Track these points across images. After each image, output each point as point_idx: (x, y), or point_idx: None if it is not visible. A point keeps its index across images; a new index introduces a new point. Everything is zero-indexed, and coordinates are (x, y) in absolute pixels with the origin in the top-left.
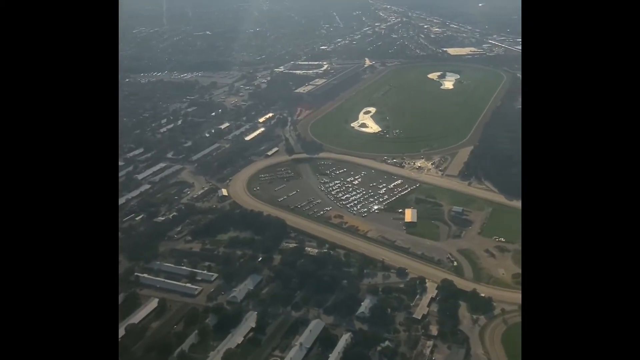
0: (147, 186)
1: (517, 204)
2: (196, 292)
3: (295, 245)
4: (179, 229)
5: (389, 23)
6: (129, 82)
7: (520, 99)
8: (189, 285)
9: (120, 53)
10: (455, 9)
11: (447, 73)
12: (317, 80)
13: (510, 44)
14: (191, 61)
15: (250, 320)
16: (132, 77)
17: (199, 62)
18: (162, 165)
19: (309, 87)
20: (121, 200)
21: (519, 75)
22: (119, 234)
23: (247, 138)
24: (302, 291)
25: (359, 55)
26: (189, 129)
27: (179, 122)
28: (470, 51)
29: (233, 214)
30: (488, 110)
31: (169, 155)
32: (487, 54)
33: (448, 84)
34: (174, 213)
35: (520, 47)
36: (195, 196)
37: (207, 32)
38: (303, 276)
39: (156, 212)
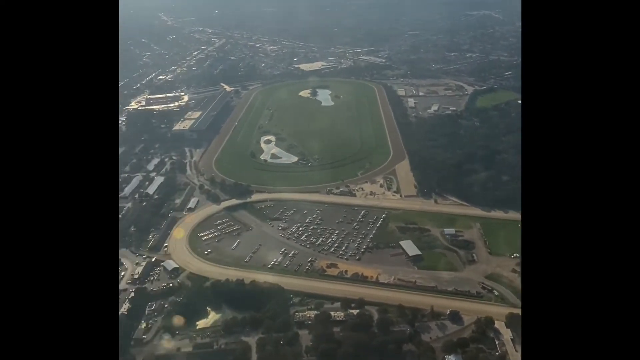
0: None
1: (498, 214)
2: None
3: (313, 312)
4: (143, 326)
5: (215, 45)
6: None
7: (408, 105)
8: None
9: None
10: (270, 25)
11: (317, 89)
12: (190, 114)
13: (352, 54)
14: None
15: None
16: None
17: None
18: None
19: (187, 123)
20: None
21: (389, 84)
22: None
23: (151, 192)
24: None
25: (211, 82)
26: None
27: None
28: (322, 65)
29: (204, 290)
30: (387, 121)
31: None
32: (339, 66)
33: (326, 101)
34: (127, 305)
35: (366, 58)
36: (135, 276)
37: None
38: (356, 351)
39: None
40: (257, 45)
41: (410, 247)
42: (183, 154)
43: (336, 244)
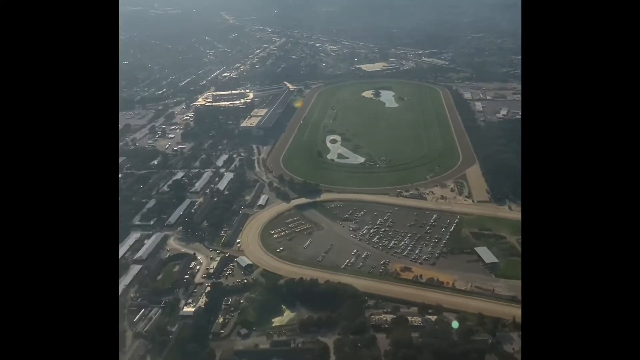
0: (137, 267)
1: None
2: None
3: (389, 316)
4: (220, 320)
5: (276, 44)
6: None
7: (475, 109)
8: None
9: None
10: (329, 25)
11: (380, 90)
12: (257, 111)
13: (414, 56)
14: None
15: None
16: None
17: None
18: (136, 236)
19: (254, 120)
20: None
21: (454, 87)
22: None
23: (221, 187)
24: None
25: (274, 80)
26: (136, 185)
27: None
28: (383, 66)
29: (279, 288)
30: (454, 124)
31: (136, 221)
32: (400, 68)
33: (390, 102)
34: (204, 299)
35: (428, 60)
36: (210, 271)
37: None
38: (436, 359)
39: (175, 302)
40: (317, 44)
41: (486, 254)
42: (251, 150)
43: (409, 248)
